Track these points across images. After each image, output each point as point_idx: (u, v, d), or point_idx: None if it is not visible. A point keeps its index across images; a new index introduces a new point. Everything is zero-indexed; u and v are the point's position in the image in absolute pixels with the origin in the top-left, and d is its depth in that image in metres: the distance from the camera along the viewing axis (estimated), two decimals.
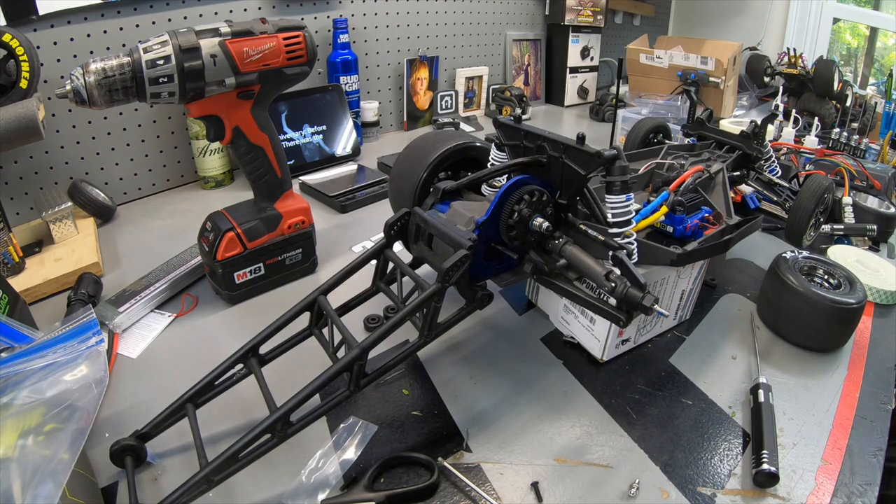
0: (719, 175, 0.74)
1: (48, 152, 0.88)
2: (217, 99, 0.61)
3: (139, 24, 0.92)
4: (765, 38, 1.88)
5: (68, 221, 0.81)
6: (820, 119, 1.29)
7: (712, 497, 0.45)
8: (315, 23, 1.18)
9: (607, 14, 1.74)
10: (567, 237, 0.53)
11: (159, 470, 0.47)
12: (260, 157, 0.68)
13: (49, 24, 0.84)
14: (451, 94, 1.48)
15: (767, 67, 1.67)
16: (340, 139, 1.19)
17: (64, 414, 0.43)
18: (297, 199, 0.73)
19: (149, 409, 0.51)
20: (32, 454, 0.38)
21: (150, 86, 0.56)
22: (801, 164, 0.98)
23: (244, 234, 0.68)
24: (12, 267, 0.71)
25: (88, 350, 0.52)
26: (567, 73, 1.70)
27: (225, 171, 1.05)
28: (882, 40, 2.05)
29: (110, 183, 0.96)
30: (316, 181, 1.05)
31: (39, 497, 0.35)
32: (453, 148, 0.66)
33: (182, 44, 0.56)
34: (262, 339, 0.50)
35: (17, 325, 0.56)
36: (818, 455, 0.49)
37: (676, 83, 1.53)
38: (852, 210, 0.87)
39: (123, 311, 0.65)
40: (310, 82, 1.12)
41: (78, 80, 0.54)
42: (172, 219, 0.93)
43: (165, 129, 1.01)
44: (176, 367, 0.59)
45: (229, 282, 0.68)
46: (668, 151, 0.84)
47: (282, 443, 0.43)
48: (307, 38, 0.65)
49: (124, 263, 0.79)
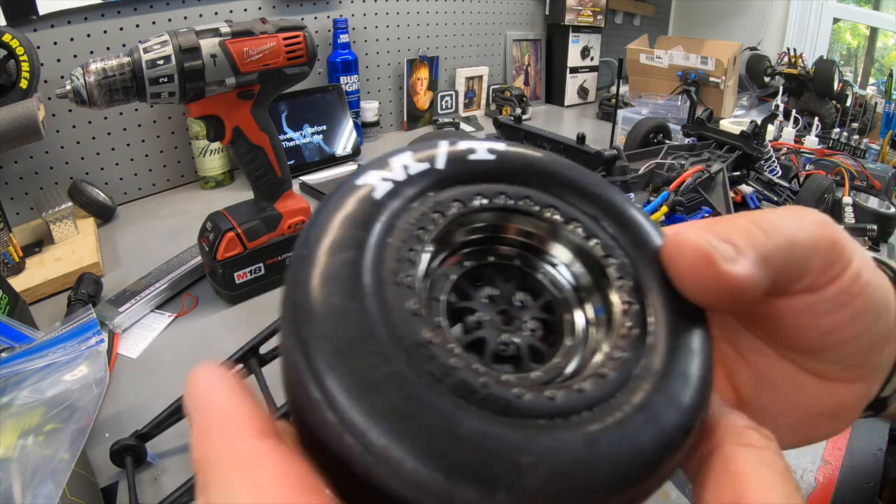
0: (719, 175, 0.74)
1: (48, 152, 0.88)
2: (217, 99, 0.61)
3: (139, 24, 0.92)
4: (765, 38, 1.88)
5: (68, 221, 0.81)
6: (820, 119, 1.29)
7: None
8: (315, 23, 1.18)
9: (607, 14, 1.74)
10: None
11: (159, 470, 0.47)
12: (260, 157, 0.68)
13: (49, 24, 0.84)
14: (451, 94, 1.48)
15: (767, 67, 1.67)
16: (340, 139, 1.19)
17: (64, 414, 0.43)
18: (298, 199, 0.73)
19: (149, 409, 0.51)
20: (32, 454, 0.38)
21: (150, 86, 0.56)
22: (801, 164, 0.98)
23: (244, 234, 0.68)
24: (12, 267, 0.71)
25: (88, 350, 0.53)
26: (567, 73, 1.70)
27: (225, 171, 1.05)
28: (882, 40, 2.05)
29: (110, 183, 0.96)
30: (316, 181, 1.05)
31: (39, 497, 0.35)
32: None
33: (182, 44, 0.56)
34: (262, 339, 0.50)
35: (17, 325, 0.56)
36: (818, 455, 0.49)
37: (676, 83, 1.53)
38: (852, 210, 0.87)
39: (123, 311, 0.65)
40: (310, 82, 1.12)
41: (78, 80, 0.54)
42: (172, 219, 0.93)
43: (165, 129, 1.01)
44: (176, 367, 0.59)
45: (229, 282, 0.68)
46: (668, 151, 0.84)
47: None
48: (307, 38, 0.65)
49: (124, 263, 0.79)
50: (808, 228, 0.17)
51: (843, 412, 0.21)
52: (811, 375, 0.21)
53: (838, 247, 0.18)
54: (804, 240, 0.17)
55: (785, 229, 0.17)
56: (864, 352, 0.20)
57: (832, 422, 0.22)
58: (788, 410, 0.21)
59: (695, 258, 0.16)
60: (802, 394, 0.21)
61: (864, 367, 0.21)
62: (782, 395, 0.21)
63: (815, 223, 0.18)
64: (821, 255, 0.17)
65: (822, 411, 0.21)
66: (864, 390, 0.21)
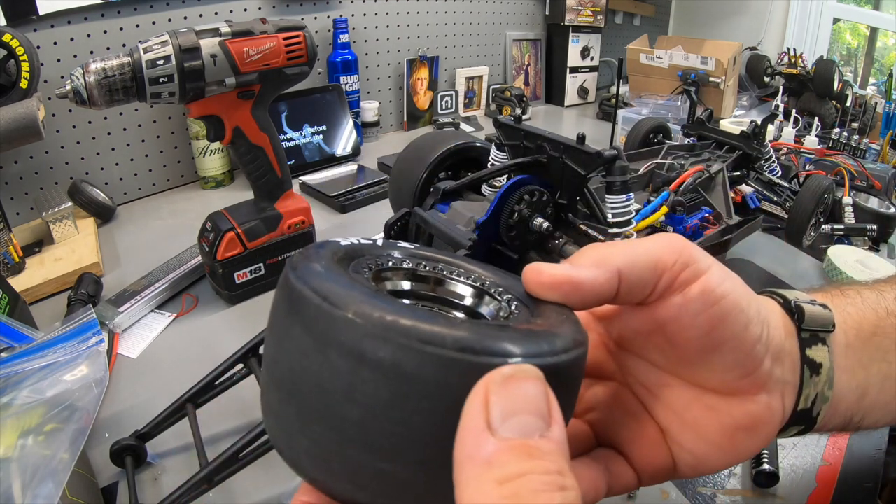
0: (719, 175, 0.74)
1: (48, 152, 0.88)
2: (217, 99, 0.61)
3: (139, 24, 0.92)
4: (765, 38, 1.87)
5: (68, 221, 0.81)
6: (820, 119, 1.29)
7: (712, 497, 0.45)
8: (315, 23, 1.17)
9: (607, 14, 1.74)
10: (567, 237, 0.53)
11: (159, 470, 0.47)
12: (260, 157, 0.68)
13: (49, 24, 0.84)
14: (451, 94, 1.48)
15: (767, 67, 1.67)
16: (340, 139, 1.19)
17: (64, 414, 0.43)
18: (298, 199, 0.73)
19: (149, 409, 0.51)
20: (32, 454, 0.38)
21: (151, 86, 0.56)
22: (801, 164, 0.98)
23: (244, 234, 0.68)
24: (12, 267, 0.71)
25: (88, 350, 0.53)
26: (567, 73, 1.70)
27: (225, 171, 1.05)
28: (882, 40, 2.05)
29: (110, 183, 0.96)
30: (316, 181, 1.05)
31: (39, 497, 0.35)
32: (453, 148, 0.66)
33: (182, 44, 0.56)
34: (262, 339, 0.50)
35: (17, 325, 0.56)
36: (818, 455, 0.49)
37: (676, 83, 1.53)
38: (852, 210, 0.86)
39: (123, 311, 0.65)
40: (310, 82, 1.12)
41: (78, 80, 0.54)
42: (172, 219, 0.93)
43: (165, 129, 1.01)
44: (176, 367, 0.59)
45: (229, 282, 0.68)
46: (668, 151, 0.84)
47: None
48: (307, 38, 0.65)
49: (124, 263, 0.79)
50: (658, 240, 0.22)
51: (759, 425, 0.24)
52: (715, 394, 0.24)
53: (686, 254, 0.22)
54: (649, 248, 0.22)
55: (635, 243, 0.22)
56: (748, 357, 0.23)
57: (750, 435, 0.24)
58: (707, 431, 0.24)
59: (531, 272, 0.21)
60: (713, 412, 0.24)
61: (759, 377, 0.23)
62: (695, 417, 0.24)
63: (667, 238, 0.23)
64: (672, 261, 0.22)
65: (737, 426, 0.24)
66: (771, 402, 0.24)
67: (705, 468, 0.25)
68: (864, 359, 0.26)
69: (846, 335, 0.26)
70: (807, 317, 0.25)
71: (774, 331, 0.24)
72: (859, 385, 0.26)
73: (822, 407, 0.25)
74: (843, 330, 0.26)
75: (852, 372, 0.26)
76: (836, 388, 0.25)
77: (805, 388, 0.25)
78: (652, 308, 0.23)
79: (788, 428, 0.26)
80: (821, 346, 0.25)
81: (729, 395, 0.24)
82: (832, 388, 0.25)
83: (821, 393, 0.25)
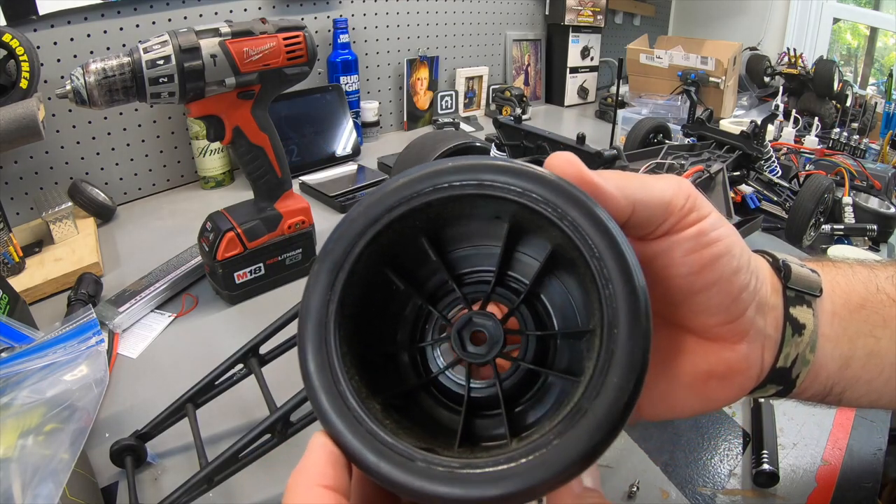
0: (719, 175, 0.74)
1: (48, 152, 0.88)
2: (217, 99, 0.61)
3: (139, 24, 0.92)
4: (765, 38, 1.87)
5: (68, 221, 0.81)
6: (820, 119, 1.29)
7: (712, 497, 0.45)
8: (315, 23, 1.17)
9: (607, 14, 1.74)
10: None
11: (159, 470, 0.47)
12: (260, 157, 0.68)
13: (49, 24, 0.84)
14: (451, 94, 1.48)
15: (767, 67, 1.67)
16: (340, 139, 1.19)
17: (64, 414, 0.43)
18: (298, 199, 0.73)
19: (149, 409, 0.51)
20: (32, 454, 0.38)
21: (150, 86, 0.56)
22: (801, 164, 0.98)
23: (244, 234, 0.68)
24: (12, 267, 0.71)
25: (88, 350, 0.53)
26: (567, 73, 1.70)
27: (225, 171, 1.05)
28: (882, 40, 2.05)
29: (110, 183, 0.96)
30: (316, 181, 1.05)
31: (39, 497, 0.35)
32: (453, 148, 0.66)
33: (182, 44, 0.56)
34: (262, 339, 0.50)
35: (17, 325, 0.56)
36: (818, 455, 0.49)
37: (676, 83, 1.53)
38: (852, 210, 0.86)
39: (123, 311, 0.65)
40: (310, 82, 1.12)
41: (78, 80, 0.54)
42: (172, 219, 0.93)
43: (165, 129, 1.01)
44: (176, 367, 0.59)
45: (229, 282, 0.68)
46: (668, 151, 0.84)
47: (282, 443, 0.43)
48: (307, 38, 0.65)
49: (124, 263, 0.79)
50: (669, 181, 0.22)
51: (734, 374, 0.24)
52: (694, 336, 0.24)
53: (692, 199, 0.22)
54: (663, 187, 0.22)
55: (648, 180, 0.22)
56: (733, 303, 0.23)
57: (723, 384, 0.24)
58: (679, 373, 0.24)
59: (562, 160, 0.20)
60: (689, 355, 0.24)
61: (741, 325, 0.23)
62: (671, 357, 0.24)
63: (676, 181, 0.22)
64: (681, 204, 0.22)
65: (711, 372, 0.24)
66: (750, 353, 0.24)
67: (671, 412, 0.25)
68: (850, 330, 0.26)
69: (833, 304, 0.26)
70: (793, 276, 0.26)
71: (762, 284, 0.24)
72: (843, 355, 0.26)
73: (803, 370, 0.25)
74: (831, 298, 0.26)
75: (836, 341, 0.26)
76: (819, 353, 0.25)
77: (786, 346, 0.25)
78: (644, 242, 0.23)
79: (766, 386, 0.25)
80: (806, 307, 0.25)
81: (709, 340, 0.24)
82: (814, 351, 0.25)
83: (802, 354, 0.25)
